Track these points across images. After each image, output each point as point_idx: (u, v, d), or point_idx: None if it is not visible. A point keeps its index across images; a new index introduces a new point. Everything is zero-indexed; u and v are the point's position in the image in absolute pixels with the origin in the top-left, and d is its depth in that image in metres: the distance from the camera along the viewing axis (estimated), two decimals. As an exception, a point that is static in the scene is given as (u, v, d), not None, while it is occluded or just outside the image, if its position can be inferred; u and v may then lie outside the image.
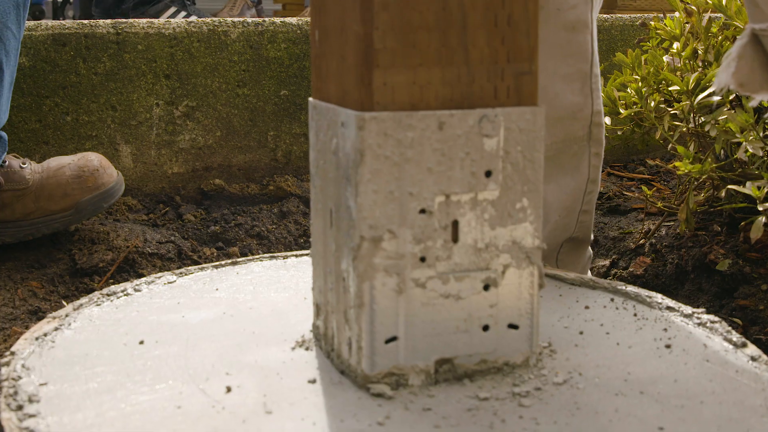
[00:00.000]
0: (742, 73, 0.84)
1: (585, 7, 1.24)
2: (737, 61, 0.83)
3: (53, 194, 1.45)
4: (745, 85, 0.86)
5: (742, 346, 0.91)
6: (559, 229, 1.33)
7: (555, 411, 0.76)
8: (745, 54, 0.84)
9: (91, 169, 1.48)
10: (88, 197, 1.47)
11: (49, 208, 1.46)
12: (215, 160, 1.81)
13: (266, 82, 1.83)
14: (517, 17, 0.80)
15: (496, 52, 0.80)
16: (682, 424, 0.73)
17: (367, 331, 0.79)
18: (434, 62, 0.79)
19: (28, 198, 1.44)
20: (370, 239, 0.78)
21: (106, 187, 1.49)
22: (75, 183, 1.46)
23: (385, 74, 0.78)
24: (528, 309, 0.84)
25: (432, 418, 0.75)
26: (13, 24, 1.32)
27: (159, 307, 1.07)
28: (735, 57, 0.84)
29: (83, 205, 1.47)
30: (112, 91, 1.70)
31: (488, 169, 0.80)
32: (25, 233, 1.45)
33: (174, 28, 1.75)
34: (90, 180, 1.47)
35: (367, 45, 0.77)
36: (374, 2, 0.76)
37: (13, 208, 1.43)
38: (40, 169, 1.46)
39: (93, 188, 1.47)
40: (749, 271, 1.36)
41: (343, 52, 0.83)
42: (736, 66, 0.83)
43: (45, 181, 1.45)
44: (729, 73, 0.84)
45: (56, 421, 0.74)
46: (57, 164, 1.48)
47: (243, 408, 0.77)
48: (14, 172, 1.43)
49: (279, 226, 1.73)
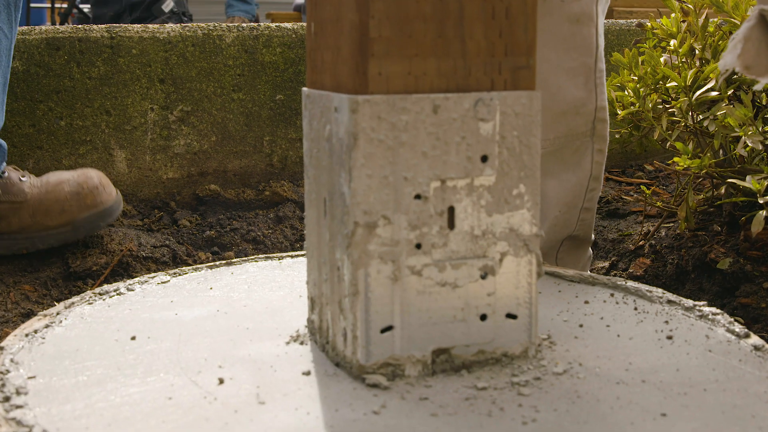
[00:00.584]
0: (748, 56, 0.83)
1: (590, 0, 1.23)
2: (743, 43, 0.82)
3: (51, 210, 1.43)
4: (751, 67, 0.84)
5: (745, 337, 0.89)
6: (559, 226, 1.31)
7: (555, 399, 0.74)
8: (751, 36, 0.83)
9: (90, 187, 1.46)
10: (86, 215, 1.45)
11: (46, 224, 1.44)
12: (210, 165, 1.80)
13: (261, 86, 1.82)
14: (515, 10, 0.79)
15: (493, 45, 0.79)
16: (685, 410, 0.72)
17: (362, 320, 0.77)
18: (430, 53, 0.77)
19: (25, 212, 1.42)
20: (365, 225, 0.76)
21: (104, 206, 1.47)
22: (73, 200, 1.44)
23: (380, 63, 0.76)
24: (526, 298, 0.83)
25: (429, 407, 0.73)
26: (4, 24, 1.30)
27: (152, 305, 1.05)
28: (741, 38, 0.83)
29: (80, 222, 1.45)
30: (107, 95, 1.69)
31: (484, 153, 0.79)
32: (20, 246, 1.43)
33: (168, 33, 1.74)
34: (89, 197, 1.44)
35: (363, 34, 0.76)
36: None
37: (8, 221, 1.41)
38: (39, 183, 1.44)
39: (91, 206, 1.45)
40: (750, 270, 1.35)
41: (338, 43, 0.82)
42: (742, 47, 0.82)
43: (43, 195, 1.43)
44: (735, 55, 0.82)
45: (44, 412, 0.72)
46: (56, 179, 1.46)
47: (235, 398, 0.75)
48: (13, 185, 1.41)
49: (275, 230, 1.71)
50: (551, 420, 0.70)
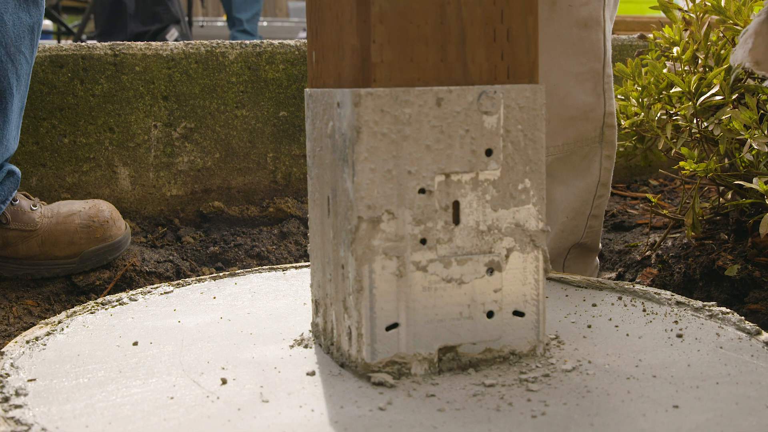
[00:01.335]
0: (758, 51, 0.83)
1: (598, 4, 1.23)
2: (754, 38, 0.82)
3: (59, 241, 1.42)
4: (761, 63, 0.84)
5: (756, 334, 0.87)
6: (566, 232, 1.30)
7: (565, 394, 0.73)
8: (762, 31, 0.82)
9: (101, 220, 1.45)
10: (94, 248, 1.44)
11: (54, 254, 1.43)
12: (214, 182, 1.80)
13: (265, 103, 1.82)
14: (517, 32, 0.79)
15: (496, 68, 0.79)
16: (698, 402, 0.70)
17: (367, 318, 0.76)
18: (432, 77, 0.77)
19: (34, 241, 1.41)
20: (369, 220, 0.75)
21: (113, 240, 1.46)
22: (83, 232, 1.43)
23: (382, 88, 0.76)
24: (534, 295, 0.81)
25: (436, 403, 0.72)
26: (26, 49, 1.31)
27: (154, 314, 1.04)
28: (752, 33, 0.82)
29: (88, 255, 1.44)
30: (110, 112, 1.69)
31: (488, 147, 0.78)
32: (25, 272, 1.42)
33: (171, 50, 1.74)
34: (99, 231, 1.44)
35: (364, 59, 0.76)
36: (371, 15, 0.74)
37: (16, 248, 1.40)
38: (50, 213, 1.44)
39: (100, 239, 1.45)
40: (759, 276, 1.33)
41: (339, 70, 0.81)
42: (753, 42, 0.82)
43: (53, 226, 1.42)
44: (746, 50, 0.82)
45: (43, 412, 0.71)
46: (67, 210, 1.45)
47: (239, 397, 0.74)
48: (23, 213, 1.40)
49: (279, 246, 1.70)
50: (561, 413, 0.68)
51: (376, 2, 0.74)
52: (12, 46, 1.28)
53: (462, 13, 0.77)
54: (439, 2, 0.76)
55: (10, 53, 1.28)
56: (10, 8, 1.27)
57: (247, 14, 4.64)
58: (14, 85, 1.31)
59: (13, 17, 1.28)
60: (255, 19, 4.71)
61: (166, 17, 3.68)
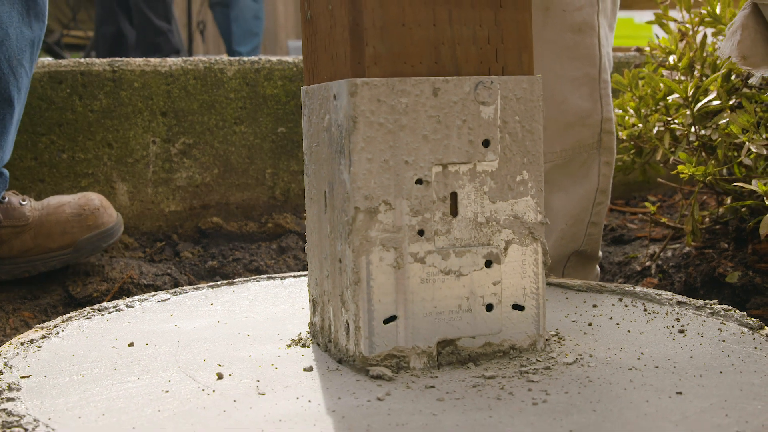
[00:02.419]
0: (744, 45, 0.83)
1: (591, 9, 1.23)
2: (741, 30, 0.82)
3: (52, 232, 1.42)
4: (748, 57, 0.84)
5: (759, 329, 0.86)
6: (566, 239, 1.29)
7: (566, 384, 0.72)
8: (747, 24, 0.82)
9: (91, 208, 1.45)
10: (87, 236, 1.44)
11: (48, 246, 1.43)
12: (213, 197, 1.79)
13: (263, 119, 1.82)
14: (512, 71, 0.79)
15: None
16: (702, 389, 0.69)
17: (364, 310, 0.75)
18: None
19: (27, 235, 1.41)
20: (366, 210, 0.75)
21: (105, 227, 1.46)
22: (75, 221, 1.43)
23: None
24: (533, 289, 0.81)
25: (435, 394, 0.71)
26: (27, 62, 1.32)
27: (151, 319, 1.03)
28: (738, 26, 0.83)
29: (82, 243, 1.44)
30: (109, 128, 1.69)
31: (486, 138, 0.77)
32: (22, 270, 1.42)
33: (170, 66, 1.75)
34: (90, 219, 1.44)
35: None
36: (365, 57, 0.74)
37: (11, 245, 1.40)
38: (40, 206, 1.44)
39: (93, 227, 1.44)
40: (760, 282, 1.32)
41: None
42: (740, 35, 0.82)
43: (45, 218, 1.42)
44: (733, 43, 0.82)
45: (36, 405, 0.70)
46: (57, 202, 1.45)
47: (235, 391, 0.73)
48: (14, 209, 1.41)
49: (278, 261, 1.70)
50: (563, 401, 0.67)
51: (370, 43, 0.74)
52: (15, 60, 1.29)
53: (456, 53, 0.77)
54: (433, 43, 0.76)
55: (13, 66, 1.29)
56: (14, 22, 1.28)
57: (246, 47, 4.67)
58: (15, 97, 1.32)
59: (17, 31, 1.29)
60: (255, 53, 4.74)
61: (166, 48, 3.71)
